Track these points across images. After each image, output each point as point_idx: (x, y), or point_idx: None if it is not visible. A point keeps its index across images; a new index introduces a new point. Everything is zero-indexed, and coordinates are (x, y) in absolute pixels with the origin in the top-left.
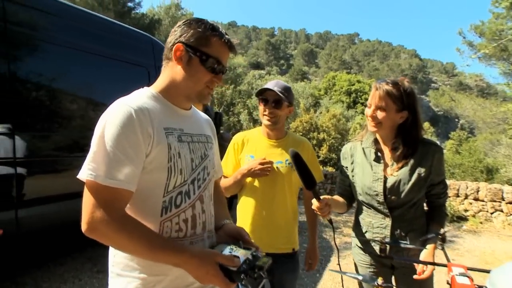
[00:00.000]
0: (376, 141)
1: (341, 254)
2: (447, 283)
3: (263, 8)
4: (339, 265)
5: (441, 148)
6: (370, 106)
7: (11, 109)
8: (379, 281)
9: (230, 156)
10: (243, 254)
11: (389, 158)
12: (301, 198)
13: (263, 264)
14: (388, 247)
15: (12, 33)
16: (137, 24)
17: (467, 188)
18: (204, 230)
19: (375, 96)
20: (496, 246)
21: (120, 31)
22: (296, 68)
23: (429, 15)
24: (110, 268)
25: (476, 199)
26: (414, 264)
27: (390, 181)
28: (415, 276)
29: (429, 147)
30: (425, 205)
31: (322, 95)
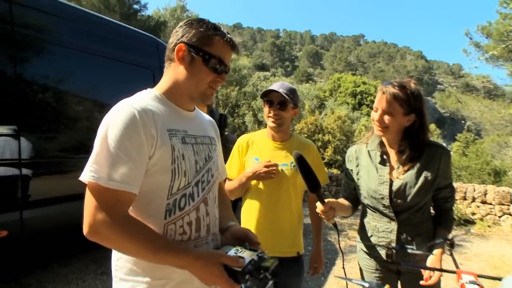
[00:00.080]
0: (381, 143)
1: (346, 257)
2: None
3: (268, 10)
4: (344, 269)
5: (448, 151)
6: (376, 110)
7: (17, 110)
8: None
9: (235, 158)
10: (248, 255)
11: (395, 161)
12: (306, 200)
13: (269, 265)
14: (395, 252)
15: (19, 35)
16: (142, 26)
17: (475, 190)
18: (208, 233)
19: (382, 100)
20: (505, 250)
21: (126, 33)
22: (301, 69)
23: (435, 16)
24: (114, 272)
25: (483, 202)
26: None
27: (396, 184)
28: (422, 282)
29: (436, 150)
30: (431, 209)
31: (327, 96)
